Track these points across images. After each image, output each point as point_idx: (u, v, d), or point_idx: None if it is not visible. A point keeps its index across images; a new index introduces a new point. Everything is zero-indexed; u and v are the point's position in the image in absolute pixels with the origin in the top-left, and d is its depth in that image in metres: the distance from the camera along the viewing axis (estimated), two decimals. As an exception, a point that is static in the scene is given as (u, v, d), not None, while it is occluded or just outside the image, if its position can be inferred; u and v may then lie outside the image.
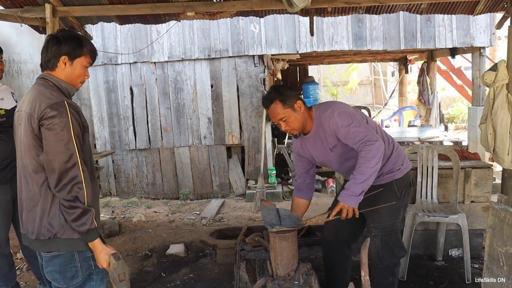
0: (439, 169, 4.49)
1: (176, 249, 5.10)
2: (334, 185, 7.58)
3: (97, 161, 6.01)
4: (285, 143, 8.25)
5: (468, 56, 11.27)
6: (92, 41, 6.48)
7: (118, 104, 7.83)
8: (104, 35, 7.62)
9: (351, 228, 3.39)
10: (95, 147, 7.93)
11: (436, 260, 4.57)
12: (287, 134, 3.14)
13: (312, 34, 5.49)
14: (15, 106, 3.66)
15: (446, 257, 4.64)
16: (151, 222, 6.40)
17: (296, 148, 3.39)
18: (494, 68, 5.23)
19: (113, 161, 7.94)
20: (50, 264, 2.41)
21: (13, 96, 3.71)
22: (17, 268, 4.49)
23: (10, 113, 3.60)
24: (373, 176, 2.89)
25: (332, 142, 3.10)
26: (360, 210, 2.96)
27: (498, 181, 6.06)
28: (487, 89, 5.55)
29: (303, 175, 3.44)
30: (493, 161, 5.58)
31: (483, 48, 7.78)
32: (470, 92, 10.99)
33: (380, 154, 2.88)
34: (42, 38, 7.15)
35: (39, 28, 5.53)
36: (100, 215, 5.85)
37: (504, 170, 5.58)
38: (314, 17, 5.42)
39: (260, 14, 5.55)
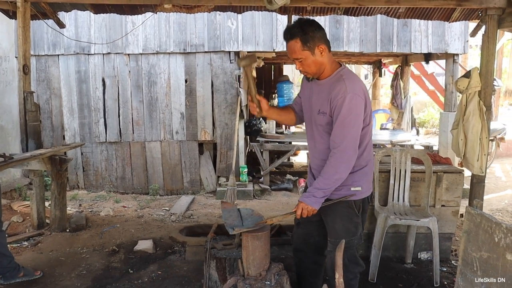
0: (411, 172, 4.51)
1: (144, 245, 5.00)
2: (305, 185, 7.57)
3: (65, 153, 5.86)
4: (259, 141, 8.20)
5: (441, 62, 11.45)
6: (65, 29, 6.38)
7: (90, 95, 7.66)
8: (77, 23, 7.44)
9: (320, 235, 3.30)
10: (63, 138, 7.74)
11: (406, 263, 4.60)
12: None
13: (289, 32, 5.46)
14: None
15: (415, 259, 4.66)
16: (119, 217, 6.28)
17: (302, 82, 3.23)
18: (468, 75, 5.30)
19: (82, 153, 7.77)
20: None
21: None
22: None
23: None
24: (336, 185, 2.88)
25: (325, 108, 2.91)
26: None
27: (466, 186, 6.15)
28: (460, 95, 5.61)
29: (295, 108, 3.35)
30: (462, 166, 5.65)
31: (457, 55, 7.89)
32: (441, 98, 11.16)
33: (349, 166, 2.86)
34: (12, 23, 7.00)
35: (9, 13, 5.36)
36: (67, 208, 5.73)
37: (473, 176, 5.65)
38: (293, 16, 5.39)
39: (238, 10, 5.50)
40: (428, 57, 8.63)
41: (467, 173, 5.22)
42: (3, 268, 4.08)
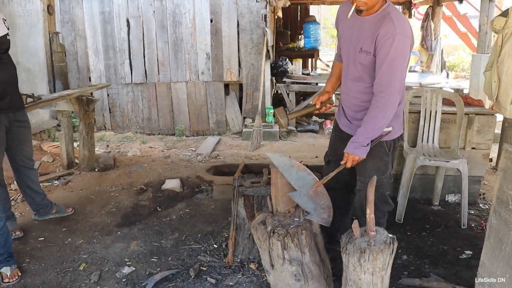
0: (442, 113, 4.40)
1: (171, 184, 5.06)
2: (331, 127, 7.51)
3: (91, 94, 5.87)
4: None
5: (474, 2, 10.99)
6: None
7: (114, 36, 7.59)
8: (100, -38, 7.29)
9: (351, 173, 3.28)
10: (89, 80, 7.76)
11: (433, 205, 4.57)
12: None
13: (318, -31, 5.26)
14: (7, 34, 3.51)
15: (442, 202, 4.63)
16: (146, 157, 6.34)
17: (339, 14, 3.07)
18: (505, 14, 5.08)
19: (108, 95, 7.79)
20: None
21: (4, 23, 3.54)
22: (11, 199, 4.46)
23: (2, 40, 3.47)
24: (383, 129, 2.82)
25: (368, 46, 2.77)
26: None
27: (497, 130, 6.01)
28: (495, 35, 5.40)
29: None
30: (493, 110, 5.51)
31: (494, -7, 7.53)
32: (473, 41, 10.80)
33: (394, 109, 2.78)
34: (36, -39, 6.88)
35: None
36: (95, 149, 5.81)
37: (504, 119, 5.54)
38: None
39: None
40: (462, -5, 8.28)
41: (498, 117, 5.09)
42: (36, 204, 4.20)
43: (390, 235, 2.49)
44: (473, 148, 4.53)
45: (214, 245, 3.77)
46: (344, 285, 2.64)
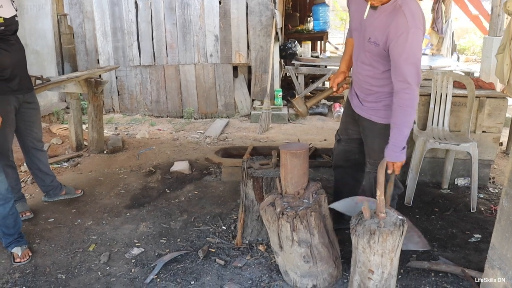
0: (452, 96, 4.36)
1: (180, 166, 5.07)
2: (341, 110, 7.49)
3: (100, 76, 5.86)
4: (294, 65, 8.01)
5: (487, -16, 10.83)
6: None
7: (122, 18, 7.55)
8: None
9: (361, 152, 3.29)
10: (98, 62, 7.74)
11: (442, 188, 4.55)
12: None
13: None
14: (15, 15, 3.49)
15: (451, 185, 4.61)
16: (155, 140, 6.35)
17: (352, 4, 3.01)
18: (518, -6, 5.01)
19: (116, 77, 7.78)
20: None
21: (12, 4, 3.52)
22: (21, 180, 4.49)
23: (10, 21, 3.44)
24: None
25: (378, 38, 2.74)
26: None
27: (508, 114, 5.96)
28: (508, 17, 5.33)
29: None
30: (504, 93, 5.45)
31: (507, -26, 7.40)
32: (485, 23, 10.65)
33: (418, 99, 2.76)
34: None
35: None
36: (104, 131, 5.82)
37: (516, 103, 5.47)
38: None
39: None
40: (474, -23, 8.15)
41: (510, 101, 5.02)
42: (46, 186, 4.22)
43: (400, 217, 2.48)
44: (483, 131, 4.49)
45: (223, 227, 3.78)
46: (353, 266, 2.64)
